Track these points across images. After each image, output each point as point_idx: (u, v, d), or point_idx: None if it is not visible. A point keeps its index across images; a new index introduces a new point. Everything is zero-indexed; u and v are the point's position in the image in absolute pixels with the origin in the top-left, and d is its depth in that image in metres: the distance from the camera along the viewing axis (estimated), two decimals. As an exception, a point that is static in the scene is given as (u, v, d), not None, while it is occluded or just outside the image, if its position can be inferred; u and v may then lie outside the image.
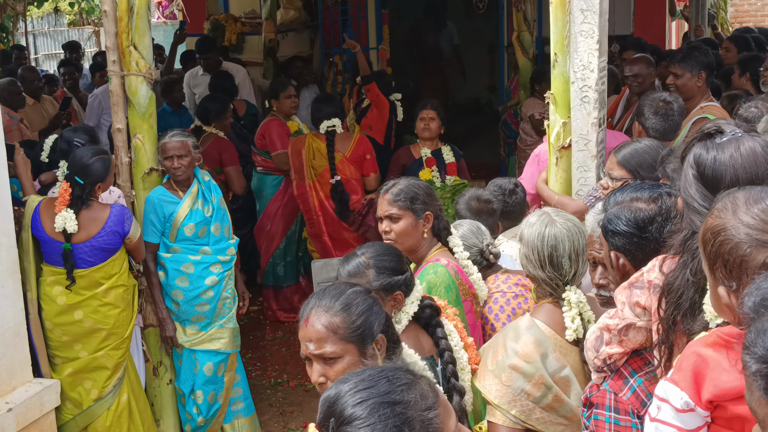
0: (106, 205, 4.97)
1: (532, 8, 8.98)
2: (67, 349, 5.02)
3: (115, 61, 5.18)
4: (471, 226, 3.93)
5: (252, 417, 5.76)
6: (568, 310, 2.96)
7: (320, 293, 2.49)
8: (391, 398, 1.69)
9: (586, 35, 4.43)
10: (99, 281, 4.97)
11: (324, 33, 11.17)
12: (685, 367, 1.93)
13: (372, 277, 3.00)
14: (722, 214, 1.94)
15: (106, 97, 8.30)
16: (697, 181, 2.24)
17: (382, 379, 1.74)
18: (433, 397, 1.75)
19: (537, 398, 2.89)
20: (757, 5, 19.24)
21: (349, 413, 1.68)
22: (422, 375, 1.82)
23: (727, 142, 2.26)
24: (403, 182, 3.72)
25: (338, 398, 1.72)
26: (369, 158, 7.03)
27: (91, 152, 4.90)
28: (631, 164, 3.94)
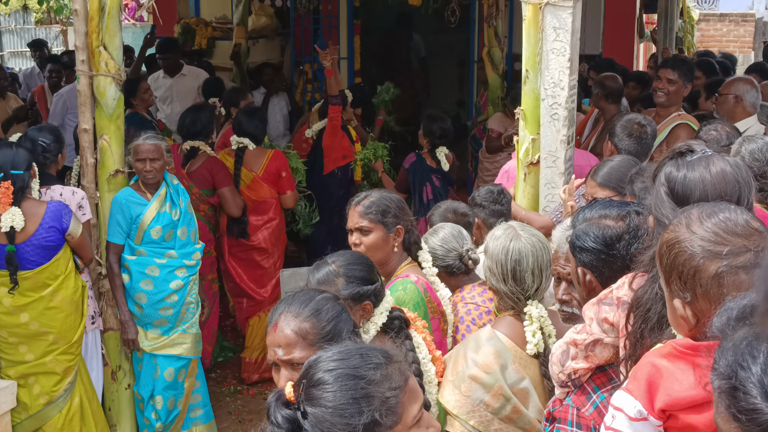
0: (43, 201, 4.87)
1: (503, 24, 9.04)
2: (13, 350, 4.93)
3: (84, 60, 5.13)
4: (452, 230, 3.91)
5: (210, 424, 5.71)
6: (530, 324, 2.98)
7: (289, 299, 2.48)
8: (358, 372, 1.84)
9: (558, 53, 4.47)
10: (45, 282, 4.88)
11: (295, 41, 11.15)
12: (640, 377, 1.97)
13: (341, 286, 2.98)
14: (677, 228, 2.00)
15: (72, 97, 8.24)
16: (668, 197, 2.29)
17: (356, 354, 1.89)
18: (399, 380, 1.87)
19: (496, 409, 2.90)
20: (722, 31, 19.57)
21: (318, 377, 1.85)
22: (398, 360, 1.92)
23: (697, 161, 2.31)
24: (375, 195, 3.68)
25: (315, 363, 1.90)
26: (284, 175, 6.71)
27: (5, 146, 4.84)
28: (612, 182, 3.96)
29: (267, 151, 6.72)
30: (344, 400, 1.80)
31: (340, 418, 1.79)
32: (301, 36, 11.04)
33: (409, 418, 1.87)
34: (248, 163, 6.61)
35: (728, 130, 4.51)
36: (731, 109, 5.82)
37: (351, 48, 11.22)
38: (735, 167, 2.33)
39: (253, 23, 11.06)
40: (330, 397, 1.81)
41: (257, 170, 6.61)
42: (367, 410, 1.80)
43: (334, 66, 7.58)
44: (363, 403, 1.80)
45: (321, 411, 1.81)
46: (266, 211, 6.67)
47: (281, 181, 6.71)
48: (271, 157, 6.66)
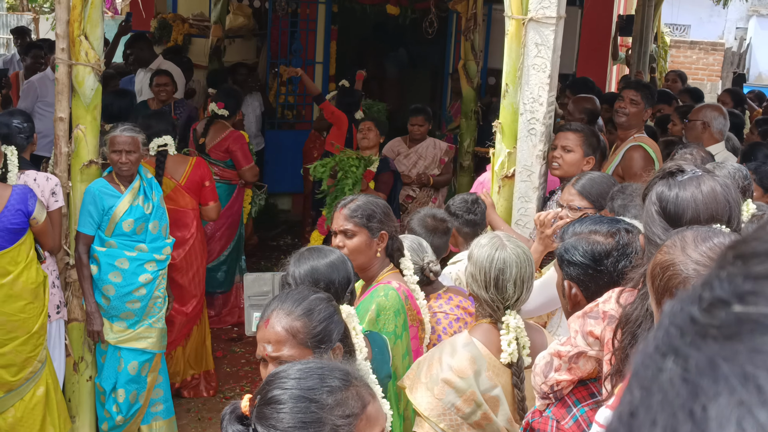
0: (8, 185, 4.82)
1: (480, 38, 9.10)
2: None
3: (64, 49, 5.09)
4: (412, 243, 3.90)
5: (170, 420, 5.68)
6: (506, 333, 3.01)
7: (283, 296, 2.50)
8: (312, 395, 1.81)
9: (539, 69, 4.53)
10: (6, 268, 4.81)
11: (271, 42, 11.15)
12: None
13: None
14: (671, 250, 2.01)
15: (42, 85, 8.22)
16: (659, 216, 2.32)
17: (315, 375, 1.85)
18: (355, 406, 1.83)
19: (466, 414, 2.93)
20: (692, 58, 19.89)
21: (272, 395, 1.82)
22: (361, 382, 1.88)
23: (688, 180, 2.35)
24: (362, 199, 3.67)
25: (274, 378, 1.87)
26: (208, 185, 6.27)
27: None
28: (592, 194, 4.01)
29: (188, 158, 6.31)
30: (293, 423, 1.78)
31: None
32: (278, 38, 11.05)
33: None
34: (169, 170, 6.11)
35: (703, 155, 4.60)
36: (699, 135, 5.91)
37: (327, 53, 11.26)
38: (725, 187, 2.37)
39: (231, 22, 11.03)
40: (280, 417, 1.79)
41: (179, 178, 6.16)
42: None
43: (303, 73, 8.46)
44: (312, 429, 1.78)
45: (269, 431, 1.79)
46: (187, 225, 6.20)
47: (205, 191, 6.28)
48: (195, 164, 6.24)
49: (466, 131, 8.96)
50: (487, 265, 3.02)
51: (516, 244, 3.08)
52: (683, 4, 21.32)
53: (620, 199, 3.68)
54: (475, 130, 8.96)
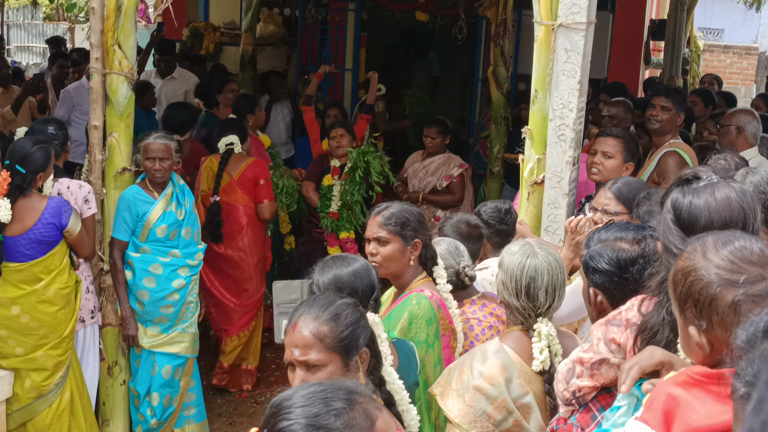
0: (45, 196, 4.89)
1: (510, 44, 9.10)
2: (2, 344, 4.94)
3: (98, 58, 5.17)
4: (449, 246, 3.90)
5: (203, 424, 5.75)
6: (538, 341, 3.01)
7: (310, 301, 2.53)
8: (319, 422, 1.77)
9: (568, 75, 4.52)
10: (38, 276, 4.89)
11: (301, 50, 11.23)
12: (656, 407, 1.96)
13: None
14: (692, 256, 2.00)
15: (78, 94, 8.32)
16: (674, 225, 2.31)
17: (319, 400, 1.82)
18: (364, 425, 1.81)
19: (497, 421, 2.94)
20: (725, 62, 19.71)
21: (279, 427, 1.78)
22: (365, 398, 1.87)
23: (702, 188, 2.34)
24: (396, 206, 3.69)
25: (280, 408, 1.83)
26: (263, 183, 6.52)
27: (32, 142, 4.86)
28: (628, 199, 3.97)
29: (248, 158, 6.56)
30: None
31: None
32: (308, 45, 11.12)
33: None
34: (230, 166, 6.47)
35: (737, 161, 4.55)
36: (733, 140, 5.88)
37: (356, 60, 11.31)
38: (741, 194, 2.35)
39: (261, 30, 11.12)
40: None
41: (234, 174, 6.47)
42: None
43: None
44: None
45: None
46: (237, 219, 6.48)
47: (259, 189, 6.52)
48: (251, 164, 6.50)
49: (496, 137, 8.95)
50: (519, 273, 3.02)
51: (547, 251, 3.08)
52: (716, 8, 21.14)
53: (646, 205, 3.67)
54: (505, 136, 8.95)
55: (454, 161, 7.65)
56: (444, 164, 7.61)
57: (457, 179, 7.56)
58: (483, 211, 4.66)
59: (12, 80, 9.42)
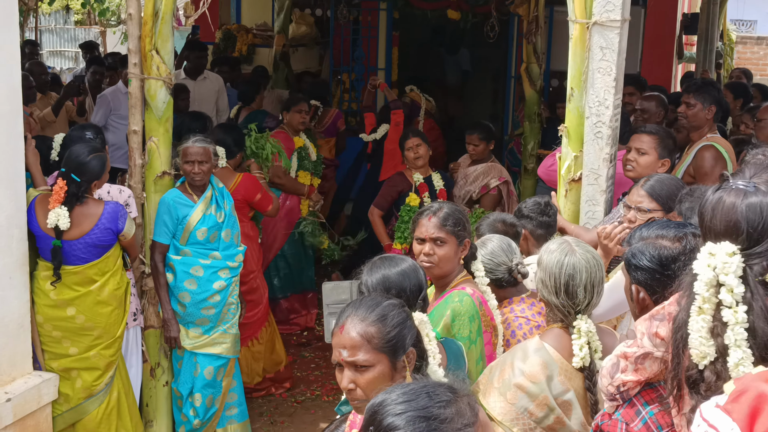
0: (101, 201, 5.00)
1: (542, 41, 9.09)
2: (57, 345, 5.04)
3: (136, 63, 5.25)
4: (501, 243, 3.92)
5: (245, 423, 5.81)
6: (578, 338, 3.03)
7: (357, 303, 2.57)
8: (429, 412, 1.77)
9: (604, 72, 4.52)
10: (92, 278, 5.00)
11: (334, 50, 11.28)
12: (743, 401, 1.95)
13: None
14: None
15: (115, 98, 8.41)
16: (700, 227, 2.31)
17: (422, 393, 1.81)
18: (471, 416, 1.81)
19: (539, 418, 2.96)
20: (758, 54, 19.51)
21: (387, 423, 1.77)
22: (465, 393, 1.87)
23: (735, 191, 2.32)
24: (448, 207, 3.72)
25: (381, 407, 1.81)
26: (259, 197, 6.27)
27: (87, 150, 4.95)
28: (661, 196, 3.99)
29: (236, 175, 6.20)
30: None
31: None
32: (340, 46, 11.17)
33: None
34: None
35: None
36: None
37: (389, 59, 11.34)
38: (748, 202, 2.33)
39: (294, 31, 11.21)
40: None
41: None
42: None
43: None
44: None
45: None
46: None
47: (258, 203, 6.32)
48: (239, 183, 6.16)
49: (530, 134, 8.97)
50: (557, 271, 3.04)
51: (585, 249, 3.10)
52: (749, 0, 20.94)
53: (688, 201, 3.68)
54: (539, 132, 8.95)
55: (494, 172, 7.23)
56: (483, 173, 7.22)
57: (492, 191, 7.11)
58: (524, 207, 4.68)
59: (50, 86, 9.57)
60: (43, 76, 9.20)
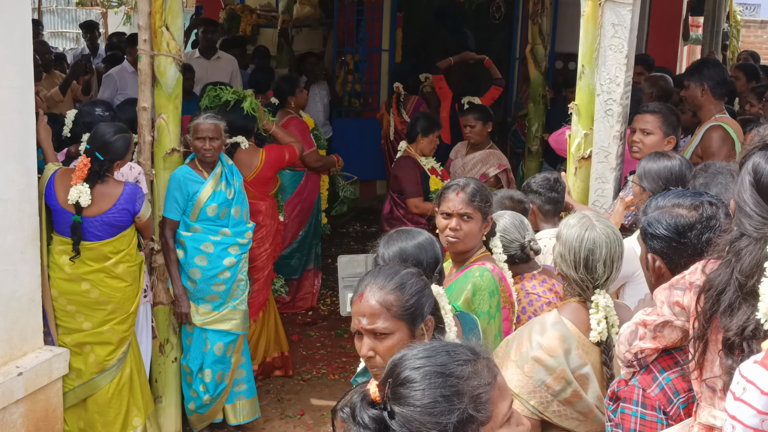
0: (120, 182, 5.03)
1: (548, 22, 9.08)
2: (70, 319, 5.06)
3: (146, 40, 5.24)
4: (514, 219, 3.93)
5: (253, 399, 5.84)
6: (595, 312, 3.04)
7: (375, 272, 2.59)
8: (447, 369, 1.81)
9: (616, 50, 4.53)
10: (107, 255, 5.02)
11: (338, 31, 11.25)
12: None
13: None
14: None
15: (121, 78, 8.41)
16: (752, 187, 2.31)
17: (442, 351, 1.85)
18: (488, 376, 1.85)
19: (556, 391, 2.98)
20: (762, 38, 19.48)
21: (405, 375, 1.82)
22: (485, 356, 1.90)
23: None
24: (475, 182, 3.74)
25: (401, 361, 1.86)
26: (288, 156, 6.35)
27: (113, 129, 4.97)
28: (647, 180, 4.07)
29: (259, 152, 6.21)
30: (434, 398, 1.77)
31: (430, 416, 1.76)
32: (344, 27, 11.14)
33: (499, 416, 1.86)
34: (239, 163, 5.94)
35: None
36: (781, 113, 5.84)
37: (393, 40, 11.33)
38: None
39: (298, 12, 11.16)
40: (418, 395, 1.78)
41: (247, 175, 6.06)
42: (458, 408, 1.77)
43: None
44: (454, 401, 1.78)
45: (409, 410, 1.77)
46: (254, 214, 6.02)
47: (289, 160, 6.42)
48: (266, 157, 6.19)
49: (534, 116, 8.97)
50: (577, 245, 3.05)
51: (605, 224, 3.11)
52: (753, -17, 20.88)
53: (702, 177, 3.70)
54: (543, 114, 8.96)
55: (493, 159, 7.04)
56: (482, 161, 7.03)
57: (491, 180, 6.89)
58: (532, 182, 4.69)
59: (54, 65, 9.56)
60: (47, 55, 9.21)
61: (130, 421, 5.28)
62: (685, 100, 5.72)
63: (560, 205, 4.56)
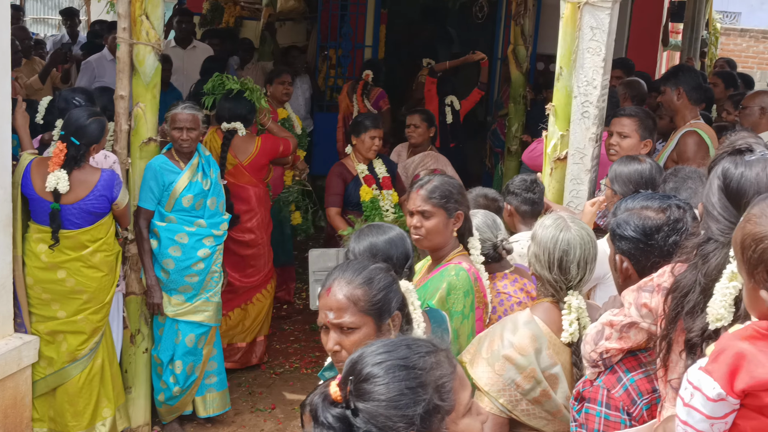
0: (97, 168, 5.00)
1: (530, 23, 9.10)
2: (45, 307, 5.04)
3: (125, 28, 5.21)
4: (486, 218, 3.93)
5: (224, 392, 5.82)
6: (568, 313, 3.06)
7: (344, 266, 2.60)
8: (409, 362, 1.83)
9: (593, 52, 4.55)
10: (84, 243, 5.01)
11: (321, 26, 11.23)
12: (721, 360, 2.02)
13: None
14: (762, 221, 2.02)
15: (100, 65, 8.35)
16: (720, 192, 2.35)
17: (402, 345, 1.88)
18: (449, 366, 1.88)
19: (526, 390, 3.00)
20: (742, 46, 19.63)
21: (367, 372, 1.82)
22: (444, 348, 1.92)
23: (755, 161, 2.37)
24: (438, 180, 3.72)
25: (360, 359, 1.86)
26: (282, 148, 6.46)
27: (87, 113, 4.94)
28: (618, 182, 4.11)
29: (255, 140, 6.34)
30: (399, 391, 1.78)
31: (396, 410, 1.77)
32: (328, 21, 11.12)
33: (461, 405, 1.89)
34: (235, 148, 6.22)
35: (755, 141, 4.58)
36: (757, 121, 5.88)
37: (376, 37, 11.31)
38: None
39: (281, 5, 11.11)
40: (383, 389, 1.78)
41: (243, 159, 6.25)
42: (423, 398, 1.78)
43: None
44: (419, 392, 1.79)
45: (374, 405, 1.78)
46: (245, 199, 6.30)
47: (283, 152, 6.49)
48: (261, 145, 6.31)
49: (515, 116, 8.99)
50: (552, 246, 3.07)
51: (580, 225, 3.13)
52: (734, -9, 21.04)
53: (672, 181, 3.74)
54: (523, 115, 8.98)
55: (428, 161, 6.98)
56: (420, 163, 7.00)
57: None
58: (510, 183, 4.71)
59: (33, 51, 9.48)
60: (27, 41, 9.13)
61: (99, 411, 5.26)
62: (662, 105, 5.77)
63: (538, 207, 4.57)
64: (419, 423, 1.77)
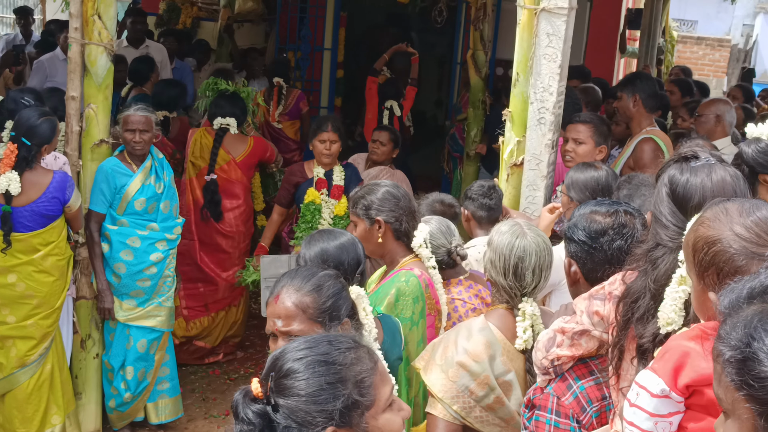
0: (49, 170, 4.91)
1: (490, 28, 9.13)
2: None
3: (77, 28, 5.12)
4: (440, 225, 3.90)
5: (176, 399, 5.74)
6: (522, 320, 3.05)
7: (292, 273, 2.56)
8: (330, 357, 1.84)
9: (550, 59, 4.55)
10: (36, 247, 4.90)
11: (280, 27, 11.17)
12: (667, 358, 2.04)
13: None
14: (716, 225, 2.03)
15: (52, 65, 8.22)
16: (668, 198, 2.37)
17: (323, 342, 1.89)
18: (369, 362, 1.89)
19: (479, 397, 2.98)
20: (698, 54, 19.89)
21: (287, 367, 1.83)
22: (365, 345, 1.94)
23: (700, 167, 2.39)
24: (363, 189, 3.76)
25: (282, 355, 1.87)
26: (269, 153, 6.70)
27: (38, 113, 4.85)
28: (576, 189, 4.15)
29: (248, 140, 6.58)
30: (319, 386, 1.80)
31: (315, 405, 1.79)
32: (287, 23, 11.06)
33: (381, 400, 1.89)
34: (228, 145, 6.44)
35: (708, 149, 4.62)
36: (712, 129, 5.94)
37: (336, 39, 11.26)
38: (735, 178, 2.40)
39: (240, 6, 11.04)
40: (302, 385, 1.80)
41: (236, 155, 6.47)
42: (343, 394, 1.80)
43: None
44: (338, 387, 1.81)
45: (294, 401, 1.79)
46: (236, 195, 6.53)
47: (269, 157, 6.74)
48: (253, 146, 6.55)
49: (474, 121, 9.00)
50: (507, 253, 3.06)
51: (536, 232, 3.12)
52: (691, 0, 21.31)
53: (626, 188, 3.77)
54: (482, 119, 8.99)
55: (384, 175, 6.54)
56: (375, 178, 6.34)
57: None
58: (468, 189, 4.70)
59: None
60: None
61: (49, 418, 5.16)
62: (617, 111, 5.82)
63: (495, 213, 4.55)
64: (338, 418, 1.80)
